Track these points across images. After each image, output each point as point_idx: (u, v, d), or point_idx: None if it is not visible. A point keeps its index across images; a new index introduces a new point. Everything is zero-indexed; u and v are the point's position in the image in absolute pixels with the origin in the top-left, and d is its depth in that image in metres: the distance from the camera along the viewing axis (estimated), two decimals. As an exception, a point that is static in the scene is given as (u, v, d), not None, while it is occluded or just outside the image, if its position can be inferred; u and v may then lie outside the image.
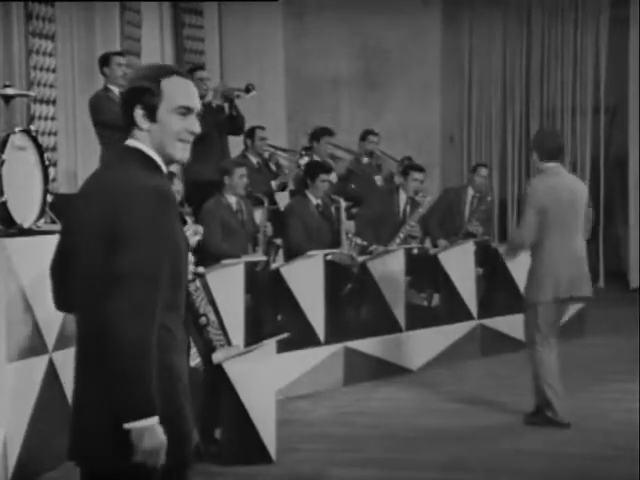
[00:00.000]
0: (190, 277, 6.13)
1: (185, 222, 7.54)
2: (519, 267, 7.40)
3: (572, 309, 9.54)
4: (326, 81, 13.75)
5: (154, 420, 2.78)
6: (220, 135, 9.00)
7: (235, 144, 9.70)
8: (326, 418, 7.06)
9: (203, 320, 5.93)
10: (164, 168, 3.01)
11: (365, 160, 10.63)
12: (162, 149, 2.97)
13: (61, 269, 3.05)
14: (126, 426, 2.77)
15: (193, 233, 7.12)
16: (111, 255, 2.80)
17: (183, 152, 3.01)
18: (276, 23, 13.48)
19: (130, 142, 2.98)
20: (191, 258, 5.99)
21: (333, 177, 9.68)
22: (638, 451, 5.91)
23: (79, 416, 2.93)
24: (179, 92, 2.95)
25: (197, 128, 3.01)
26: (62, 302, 3.13)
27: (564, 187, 6.61)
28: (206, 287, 6.08)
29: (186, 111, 2.97)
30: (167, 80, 2.94)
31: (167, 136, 2.96)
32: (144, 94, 2.92)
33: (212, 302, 6.08)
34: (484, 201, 10.23)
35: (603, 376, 8.12)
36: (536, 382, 6.65)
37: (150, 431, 2.78)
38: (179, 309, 2.98)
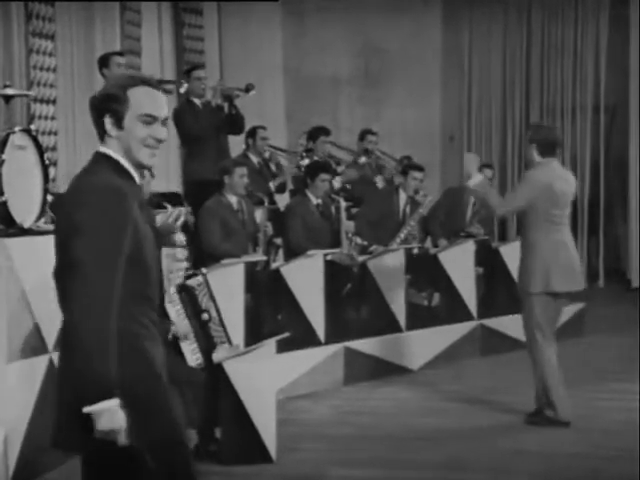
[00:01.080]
0: (186, 272, 6.15)
1: (165, 208, 7.59)
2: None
3: (571, 308, 9.57)
4: (326, 80, 13.75)
5: (113, 402, 2.90)
6: (219, 134, 9.00)
7: (236, 143, 9.70)
8: (326, 418, 7.06)
9: (205, 316, 5.94)
10: (133, 172, 3.15)
11: (362, 159, 10.62)
12: (130, 154, 3.13)
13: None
14: (85, 409, 2.90)
15: (176, 217, 7.21)
16: (67, 246, 2.99)
17: (150, 157, 3.15)
18: (275, 22, 13.49)
19: (101, 148, 3.15)
20: (182, 238, 6.01)
21: (337, 182, 9.69)
22: (638, 451, 5.91)
23: (60, 405, 3.07)
24: (145, 101, 3.11)
25: (163, 135, 3.14)
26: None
27: (558, 179, 6.66)
28: (208, 283, 6.08)
29: (151, 119, 3.11)
30: (133, 89, 3.10)
31: (133, 142, 3.11)
32: (112, 102, 3.10)
33: (213, 299, 6.09)
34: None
35: (603, 376, 8.12)
36: (540, 380, 6.64)
37: (109, 412, 2.90)
38: (149, 300, 3.11)
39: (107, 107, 3.10)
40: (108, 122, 3.10)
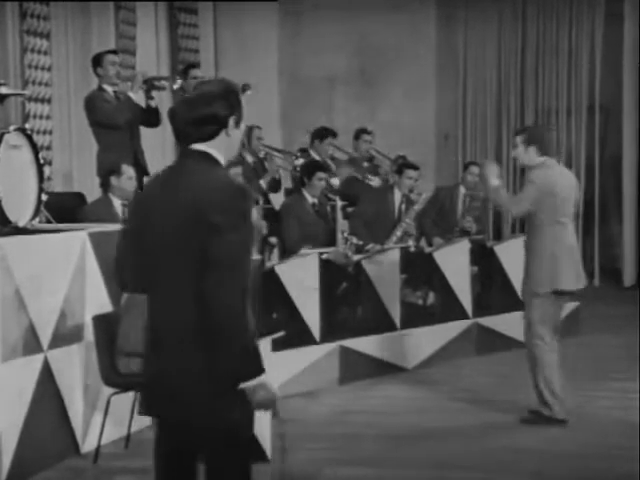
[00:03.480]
0: None
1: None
2: (514, 266, 7.40)
3: (568, 307, 9.57)
4: (321, 79, 13.74)
5: (264, 377, 3.31)
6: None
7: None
8: (322, 417, 7.05)
9: None
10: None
11: (365, 164, 10.64)
12: (234, 152, 3.44)
13: (130, 252, 3.44)
14: (242, 386, 3.25)
15: None
16: (209, 243, 3.17)
17: None
18: (271, 21, 13.48)
19: (203, 148, 3.34)
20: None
21: (335, 182, 9.67)
22: (637, 450, 5.90)
23: (183, 380, 3.30)
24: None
25: None
26: (132, 282, 3.52)
27: (560, 179, 6.68)
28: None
29: None
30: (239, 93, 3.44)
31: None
32: (238, 105, 3.38)
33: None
34: (476, 198, 10.23)
35: (600, 375, 8.12)
36: (534, 379, 6.63)
37: (263, 386, 3.32)
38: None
39: (235, 109, 3.36)
40: (232, 123, 3.35)
